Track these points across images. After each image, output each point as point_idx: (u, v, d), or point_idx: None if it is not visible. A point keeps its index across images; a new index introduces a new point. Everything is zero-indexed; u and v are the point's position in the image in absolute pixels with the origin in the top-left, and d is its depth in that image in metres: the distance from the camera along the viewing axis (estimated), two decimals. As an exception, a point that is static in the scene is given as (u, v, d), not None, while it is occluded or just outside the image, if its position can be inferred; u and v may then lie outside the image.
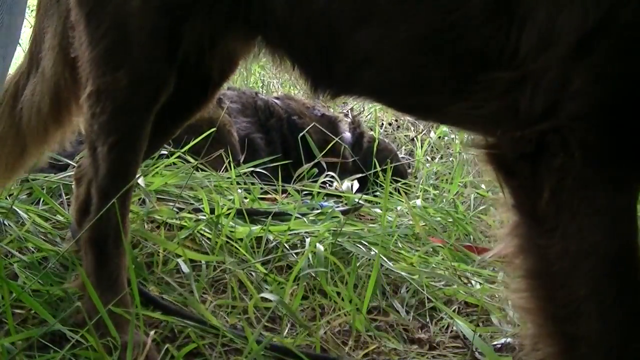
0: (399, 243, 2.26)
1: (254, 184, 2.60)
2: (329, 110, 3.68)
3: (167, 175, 2.35)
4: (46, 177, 2.25)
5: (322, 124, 3.47)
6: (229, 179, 2.50)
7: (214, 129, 2.58)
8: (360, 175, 3.20)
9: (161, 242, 1.95)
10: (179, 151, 2.48)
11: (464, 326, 1.76)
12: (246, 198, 2.42)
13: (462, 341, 1.80)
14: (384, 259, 2.05)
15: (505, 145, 1.24)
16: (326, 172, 3.01)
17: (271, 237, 2.11)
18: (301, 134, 3.35)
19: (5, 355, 1.39)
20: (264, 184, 2.74)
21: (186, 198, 2.28)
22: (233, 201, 2.27)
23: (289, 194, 2.69)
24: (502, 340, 1.78)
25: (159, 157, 2.43)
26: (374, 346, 1.73)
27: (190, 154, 2.52)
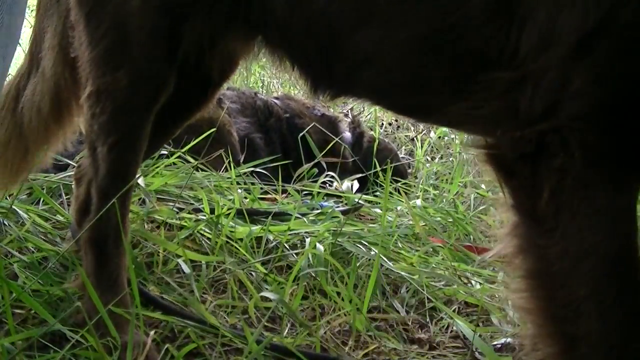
0: (399, 243, 2.26)
1: (254, 184, 2.60)
2: (329, 110, 3.68)
3: (167, 175, 2.35)
4: (46, 177, 2.25)
5: (322, 124, 3.47)
6: (229, 179, 2.50)
7: (214, 129, 2.58)
8: (360, 175, 3.20)
9: (161, 242, 1.95)
10: (179, 151, 2.48)
11: (464, 326, 1.76)
12: (246, 198, 2.42)
13: (462, 341, 1.80)
14: (384, 259, 2.05)
15: (505, 145, 1.24)
16: (326, 172, 3.01)
17: (271, 237, 2.11)
18: (301, 134, 3.35)
19: (5, 355, 1.39)
20: (264, 184, 2.74)
21: (186, 198, 2.28)
22: (233, 201, 2.27)
23: (289, 194, 2.69)
24: (502, 340, 1.77)
25: (159, 157, 2.44)
26: (374, 346, 1.73)
27: (190, 154, 2.52)
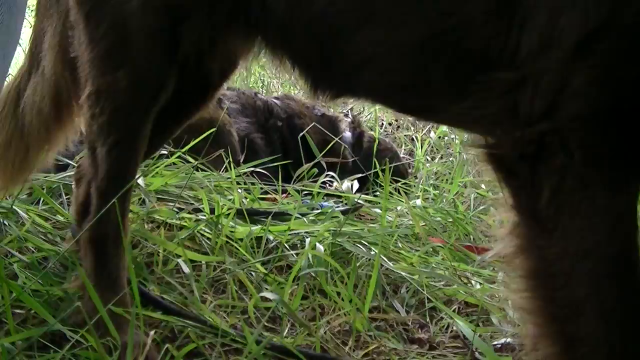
0: (399, 243, 2.26)
1: (254, 184, 2.59)
2: (329, 110, 3.68)
3: (167, 175, 2.35)
4: (46, 177, 2.25)
5: (322, 124, 3.47)
6: (229, 179, 2.50)
7: (214, 129, 2.58)
8: (360, 175, 3.20)
9: (161, 242, 1.95)
10: (179, 151, 2.48)
11: (464, 326, 1.76)
12: (246, 198, 2.42)
13: (462, 341, 1.80)
14: (384, 259, 2.05)
15: (505, 146, 1.24)
16: (326, 172, 3.01)
17: (271, 237, 2.11)
18: (301, 134, 3.35)
19: (5, 355, 1.39)
20: (264, 184, 2.74)
21: (186, 198, 2.28)
22: (233, 201, 2.27)
23: (289, 194, 2.69)
24: (502, 340, 1.77)
25: (159, 157, 2.43)
26: (374, 346, 1.73)
27: (190, 154, 2.52)
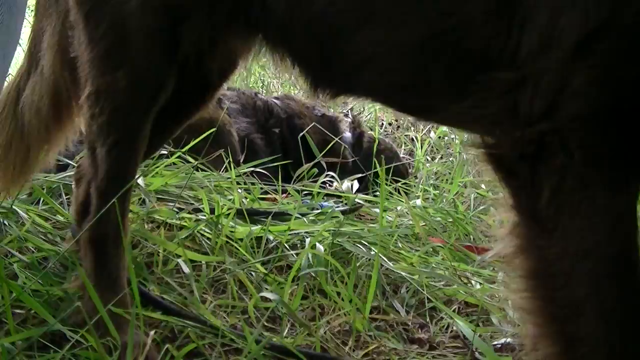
0: (399, 243, 2.26)
1: (254, 184, 2.59)
2: (329, 110, 3.68)
3: (167, 175, 2.35)
4: (46, 177, 2.25)
5: (322, 124, 3.47)
6: (229, 179, 2.50)
7: (214, 129, 2.58)
8: (360, 175, 3.20)
9: (161, 242, 1.95)
10: (179, 151, 2.48)
11: (464, 326, 1.76)
12: (246, 198, 2.42)
13: (462, 341, 1.80)
14: (383, 259, 2.05)
15: (505, 146, 1.24)
16: (326, 172, 3.01)
17: (271, 237, 2.11)
18: (301, 134, 3.35)
19: (5, 355, 1.39)
20: (264, 184, 2.74)
21: (186, 198, 2.28)
22: (233, 201, 2.27)
23: (289, 194, 2.69)
24: (502, 340, 1.77)
25: (159, 157, 2.43)
26: (374, 346, 1.73)
27: (190, 154, 2.52)
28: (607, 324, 1.15)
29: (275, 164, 2.98)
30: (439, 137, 4.03)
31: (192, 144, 2.51)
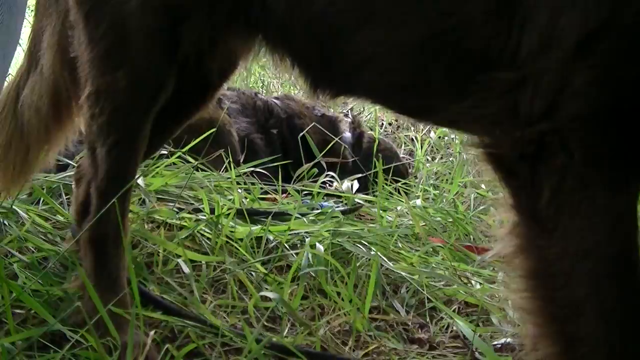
0: (399, 243, 2.26)
1: (254, 184, 2.59)
2: (329, 110, 3.68)
3: (167, 175, 2.35)
4: (46, 177, 2.25)
5: (322, 124, 3.46)
6: (229, 179, 2.50)
7: (214, 129, 2.58)
8: (360, 175, 3.20)
9: (161, 242, 1.95)
10: (179, 151, 2.48)
11: (464, 326, 1.76)
12: (246, 198, 2.42)
13: (462, 341, 1.80)
14: (383, 259, 2.05)
15: (506, 146, 1.24)
16: (326, 172, 3.01)
17: (271, 237, 2.11)
18: (301, 134, 3.35)
19: (5, 355, 1.39)
20: (264, 184, 2.74)
21: (186, 198, 2.28)
22: (233, 201, 2.27)
23: (289, 194, 2.69)
24: (502, 340, 1.77)
25: (159, 157, 2.43)
26: (374, 346, 1.73)
27: (190, 154, 2.52)
28: (607, 324, 1.15)
29: (275, 164, 2.97)
30: (439, 137, 4.04)
31: (192, 144, 2.51)
